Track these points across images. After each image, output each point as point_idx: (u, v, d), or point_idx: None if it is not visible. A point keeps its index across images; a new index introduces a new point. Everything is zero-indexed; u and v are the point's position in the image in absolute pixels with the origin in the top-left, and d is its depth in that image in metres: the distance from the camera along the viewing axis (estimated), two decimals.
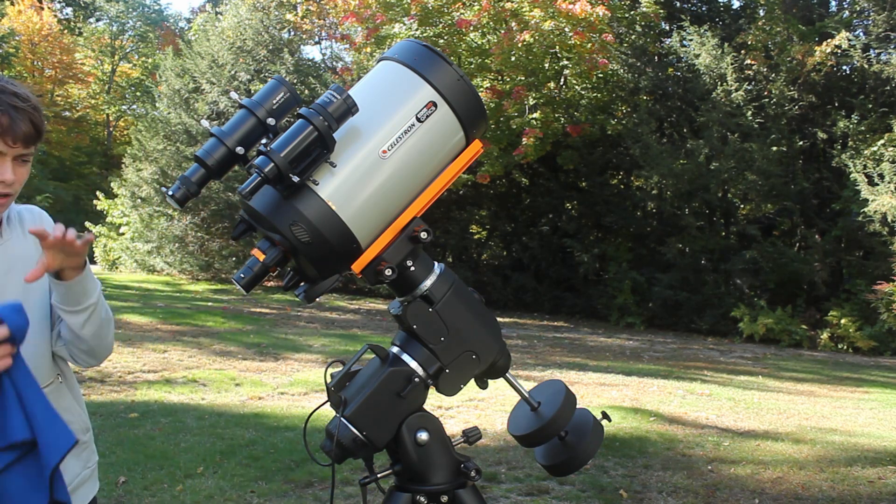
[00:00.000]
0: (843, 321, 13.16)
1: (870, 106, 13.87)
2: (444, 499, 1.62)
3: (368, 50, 16.01)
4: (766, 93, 14.42)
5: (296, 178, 1.44)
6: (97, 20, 36.83)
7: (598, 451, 1.74)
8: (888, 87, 13.65)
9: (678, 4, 16.55)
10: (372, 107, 1.55)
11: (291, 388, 7.15)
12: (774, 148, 13.95)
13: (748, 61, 14.51)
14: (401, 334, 1.68)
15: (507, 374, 1.74)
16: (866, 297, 12.89)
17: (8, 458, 1.44)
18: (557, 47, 14.45)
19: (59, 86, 30.23)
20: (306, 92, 16.63)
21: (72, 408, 1.78)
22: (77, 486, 1.76)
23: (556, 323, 15.01)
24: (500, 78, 15.39)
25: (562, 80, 15.60)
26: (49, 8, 29.97)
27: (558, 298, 16.37)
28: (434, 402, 5.80)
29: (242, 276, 1.52)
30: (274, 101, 1.50)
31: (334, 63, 21.70)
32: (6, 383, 1.45)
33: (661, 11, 15.12)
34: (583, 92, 16.23)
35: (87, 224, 19.21)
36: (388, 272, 1.57)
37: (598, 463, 5.10)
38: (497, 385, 1.77)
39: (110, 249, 19.00)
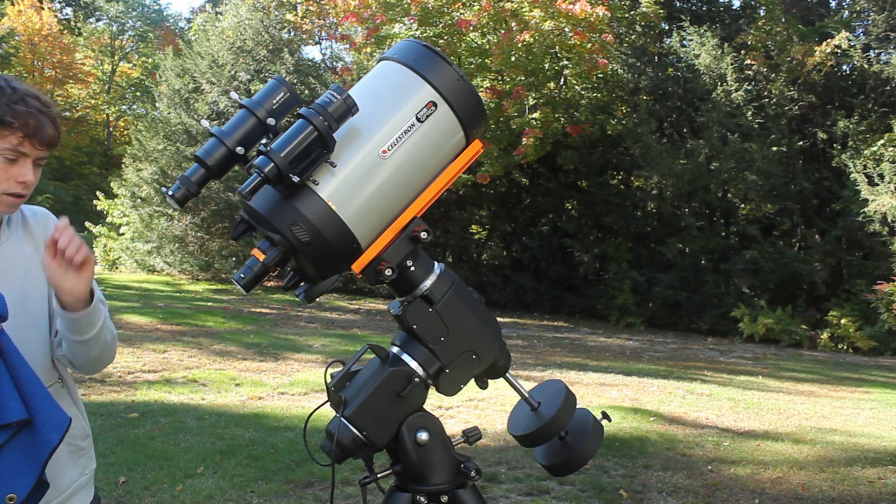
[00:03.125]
0: (843, 321, 13.16)
1: (870, 106, 13.87)
2: (444, 499, 1.62)
3: (368, 50, 16.00)
4: (766, 93, 14.41)
5: (296, 178, 1.43)
6: (97, 20, 36.85)
7: (598, 451, 1.73)
8: (888, 87, 13.65)
9: (678, 4, 16.53)
10: (372, 107, 1.55)
11: (291, 388, 7.15)
12: (774, 148, 13.95)
13: (748, 61, 14.51)
14: (401, 334, 1.68)
15: (507, 374, 1.74)
16: (866, 297, 12.89)
17: (1, 439, 1.42)
18: (557, 47, 14.44)
19: (59, 86, 30.22)
20: (306, 92, 16.61)
21: (71, 412, 1.73)
22: (73, 493, 1.74)
23: (556, 323, 15.01)
24: (500, 78, 15.39)
25: (562, 80, 15.60)
26: (49, 8, 29.96)
27: (558, 298, 16.36)
28: (434, 402, 5.80)
29: (242, 276, 1.52)
30: (274, 101, 1.50)
31: (334, 63, 21.67)
32: None
33: (661, 11, 15.11)
34: (583, 92, 16.22)
35: (87, 224, 19.21)
36: (388, 272, 1.57)
37: (598, 463, 5.10)
38: (497, 385, 1.77)
39: (110, 249, 18.99)
